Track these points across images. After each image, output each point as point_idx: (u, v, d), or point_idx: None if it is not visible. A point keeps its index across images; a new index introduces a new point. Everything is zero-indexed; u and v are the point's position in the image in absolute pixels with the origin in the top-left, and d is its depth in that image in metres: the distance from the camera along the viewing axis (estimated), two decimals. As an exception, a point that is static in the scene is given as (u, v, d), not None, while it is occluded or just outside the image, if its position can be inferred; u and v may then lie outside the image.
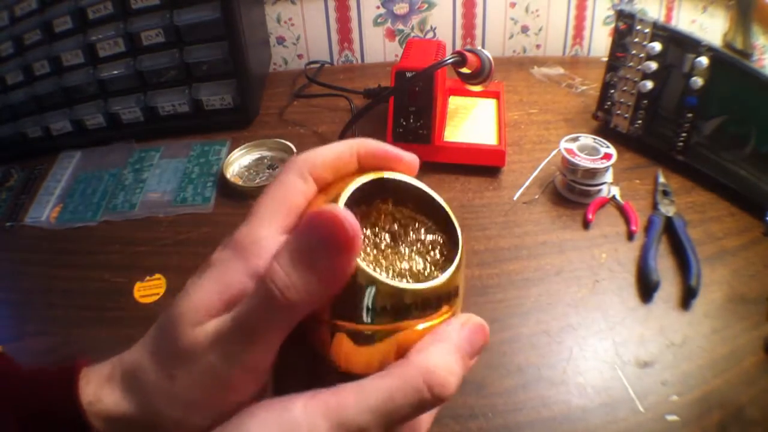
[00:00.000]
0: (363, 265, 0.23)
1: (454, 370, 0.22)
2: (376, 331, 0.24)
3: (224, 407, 0.23)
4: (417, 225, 0.27)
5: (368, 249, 0.25)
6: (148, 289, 0.58)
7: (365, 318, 0.23)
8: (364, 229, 0.26)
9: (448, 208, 0.28)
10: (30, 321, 0.56)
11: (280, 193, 0.24)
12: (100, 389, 0.25)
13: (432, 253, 0.27)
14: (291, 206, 0.24)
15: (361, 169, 0.26)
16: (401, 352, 0.24)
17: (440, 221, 0.28)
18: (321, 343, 0.25)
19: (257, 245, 0.23)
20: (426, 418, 0.26)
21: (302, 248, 0.21)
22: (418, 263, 0.26)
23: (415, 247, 0.26)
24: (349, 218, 0.21)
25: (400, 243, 0.26)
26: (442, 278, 0.24)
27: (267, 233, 0.23)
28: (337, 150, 0.26)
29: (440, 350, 0.23)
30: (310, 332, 0.25)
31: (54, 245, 0.64)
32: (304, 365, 0.29)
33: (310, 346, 0.26)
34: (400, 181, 0.26)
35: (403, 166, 0.27)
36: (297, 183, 0.24)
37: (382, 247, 0.26)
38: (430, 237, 0.27)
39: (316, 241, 0.21)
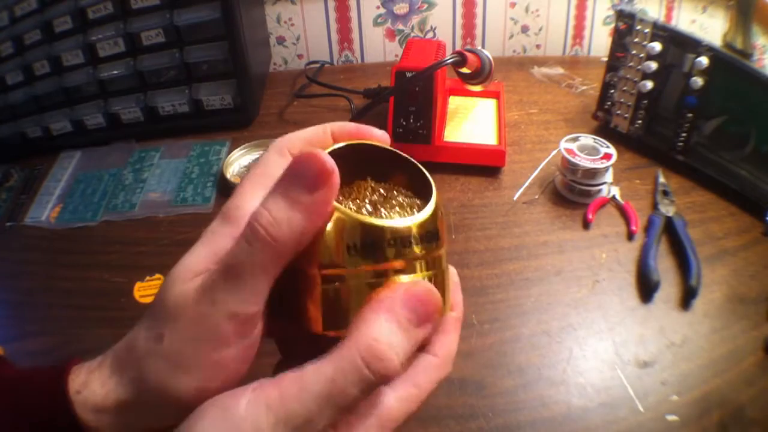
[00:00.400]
0: (341, 207, 0.24)
1: (394, 343, 0.21)
2: (359, 274, 0.24)
3: (214, 363, 0.23)
4: (395, 193, 0.28)
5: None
6: (148, 289, 0.58)
7: (349, 259, 0.23)
8: (347, 201, 0.27)
9: (420, 166, 0.29)
10: (30, 321, 0.56)
11: (260, 169, 0.26)
12: (88, 376, 0.26)
13: (413, 213, 0.27)
14: (268, 177, 0.25)
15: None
16: None
17: (417, 183, 0.29)
18: (309, 298, 0.25)
19: (239, 210, 0.25)
20: (395, 405, 0.23)
21: (284, 187, 0.22)
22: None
23: (395, 210, 0.27)
24: (326, 155, 0.22)
25: (381, 210, 0.27)
26: (418, 216, 0.25)
27: (250, 203, 0.24)
28: (311, 129, 0.28)
29: (378, 321, 0.22)
30: (300, 292, 0.25)
31: (54, 245, 0.64)
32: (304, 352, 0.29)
33: (299, 311, 0.25)
34: (372, 146, 0.28)
35: (374, 140, 0.28)
36: (275, 158, 0.26)
37: (364, 213, 0.26)
38: (408, 200, 0.28)
39: (296, 179, 0.22)
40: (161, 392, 0.23)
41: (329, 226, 0.24)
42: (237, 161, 0.74)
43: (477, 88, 0.79)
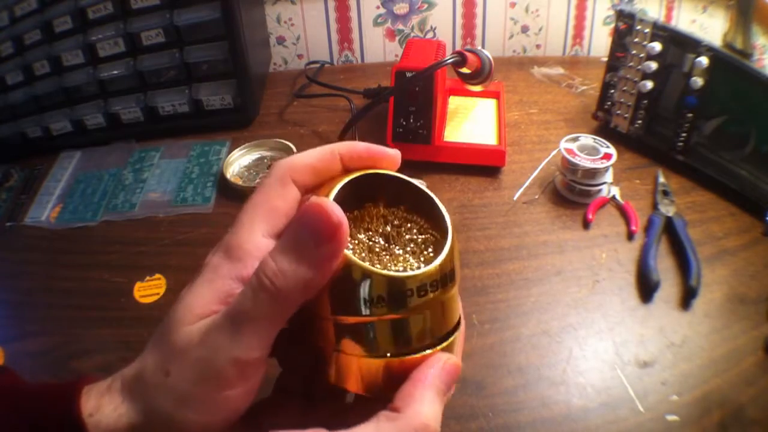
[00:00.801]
0: (355, 258, 0.24)
1: (439, 418, 0.24)
2: (374, 322, 0.24)
3: (217, 401, 0.24)
4: (409, 225, 0.28)
5: (363, 253, 0.26)
6: (148, 289, 0.58)
7: (363, 309, 0.24)
8: (358, 233, 0.27)
9: (435, 198, 0.28)
10: (30, 321, 0.56)
11: (260, 198, 0.26)
12: (100, 399, 0.26)
13: (426, 251, 0.27)
14: (270, 210, 0.25)
15: (346, 170, 0.27)
16: (395, 374, 0.25)
17: (430, 214, 0.28)
18: (324, 341, 0.25)
19: (240, 249, 0.25)
20: None
21: (291, 239, 0.23)
22: (413, 264, 0.26)
23: (408, 248, 0.27)
24: (334, 207, 0.22)
25: (394, 245, 0.27)
26: (432, 265, 0.25)
27: (249, 237, 0.25)
28: (317, 153, 0.27)
29: (428, 399, 0.24)
30: (314, 333, 0.26)
31: (54, 245, 0.64)
32: (304, 366, 0.30)
33: (314, 349, 0.26)
34: (385, 175, 0.27)
35: (387, 163, 0.28)
36: (276, 187, 0.26)
37: (377, 250, 0.26)
38: (422, 237, 0.28)
39: (303, 231, 0.23)
40: (169, 422, 0.24)
41: (342, 274, 0.24)
42: (237, 161, 0.74)
43: (477, 88, 0.79)
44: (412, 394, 0.24)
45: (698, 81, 0.65)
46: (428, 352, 0.26)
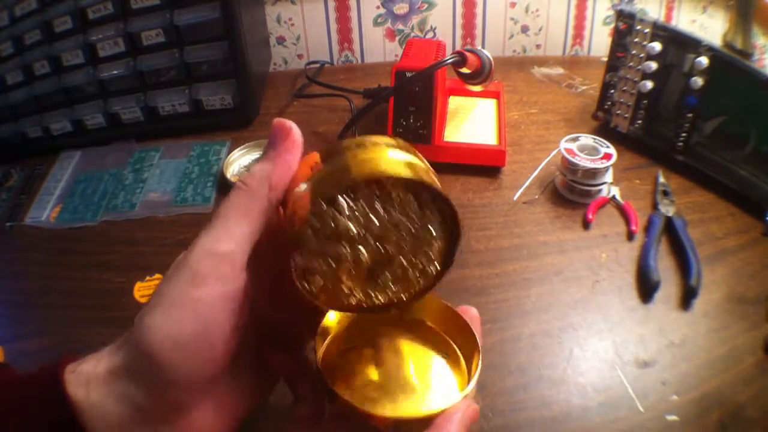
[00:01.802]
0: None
1: None
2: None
3: (191, 304, 0.25)
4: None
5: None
6: (148, 289, 0.58)
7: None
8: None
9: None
10: (30, 321, 0.56)
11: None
12: (85, 358, 0.27)
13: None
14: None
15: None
16: None
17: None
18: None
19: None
20: None
21: (262, 152, 0.28)
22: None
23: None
24: (286, 120, 0.28)
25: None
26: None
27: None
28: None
29: None
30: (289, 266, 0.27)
31: (54, 245, 0.64)
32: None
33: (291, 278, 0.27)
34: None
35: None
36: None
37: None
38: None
39: (268, 142, 0.28)
40: (142, 345, 0.24)
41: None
42: (237, 161, 0.74)
43: (477, 88, 0.79)
44: None
45: (698, 81, 0.65)
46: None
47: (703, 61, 0.64)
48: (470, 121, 0.79)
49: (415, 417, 0.28)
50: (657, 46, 0.68)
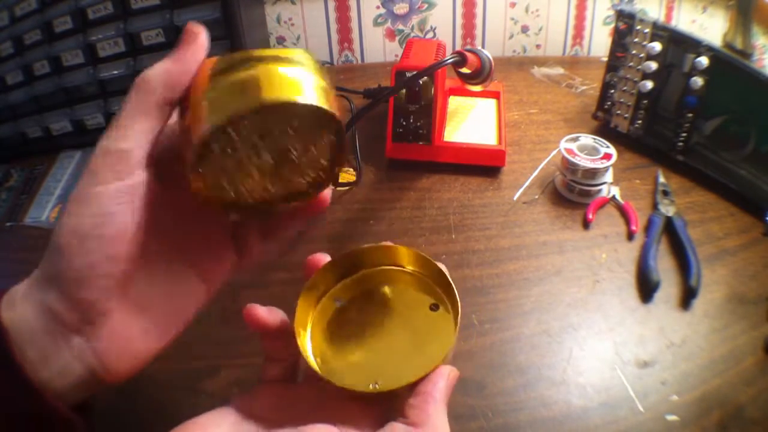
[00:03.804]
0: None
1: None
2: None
3: (91, 200, 0.25)
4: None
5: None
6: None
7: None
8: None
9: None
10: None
11: None
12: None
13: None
14: None
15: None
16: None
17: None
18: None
19: None
20: None
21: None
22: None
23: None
24: (199, 26, 0.28)
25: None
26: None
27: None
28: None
29: (441, 414, 0.27)
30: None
31: (54, 245, 0.64)
32: (287, 356, 0.33)
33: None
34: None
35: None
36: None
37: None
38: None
39: (176, 44, 0.28)
40: (51, 244, 0.26)
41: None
42: (237, 161, 0.74)
43: (477, 88, 0.79)
44: (426, 411, 0.26)
45: (698, 81, 0.65)
46: None
47: (703, 61, 0.64)
48: (470, 121, 0.79)
49: (397, 389, 0.29)
50: (657, 46, 0.68)
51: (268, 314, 0.30)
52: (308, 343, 0.32)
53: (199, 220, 0.32)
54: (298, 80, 0.28)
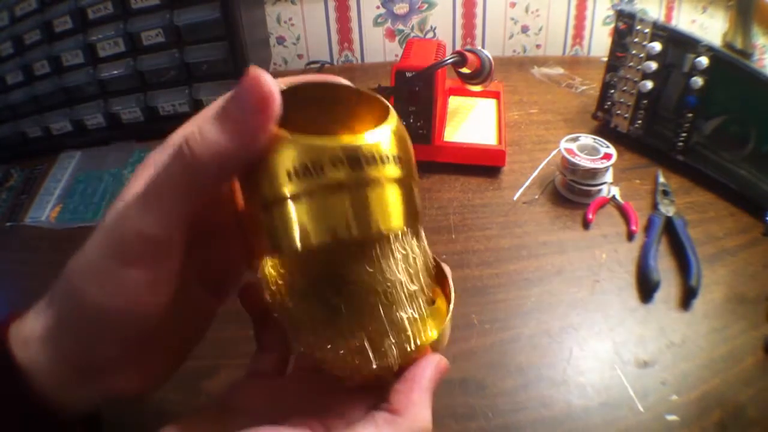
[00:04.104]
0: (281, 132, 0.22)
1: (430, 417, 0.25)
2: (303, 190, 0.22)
3: (118, 281, 0.22)
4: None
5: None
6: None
7: (290, 180, 0.21)
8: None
9: (380, 98, 0.27)
10: (30, 321, 0.56)
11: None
12: (29, 315, 0.26)
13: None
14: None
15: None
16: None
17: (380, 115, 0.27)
18: (254, 227, 0.24)
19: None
20: None
21: (219, 105, 0.21)
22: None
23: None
24: (268, 77, 0.20)
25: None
26: (371, 135, 0.23)
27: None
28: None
29: (425, 403, 0.25)
30: (246, 224, 0.25)
31: (54, 245, 0.64)
32: (278, 346, 0.31)
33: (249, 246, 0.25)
34: (329, 85, 0.27)
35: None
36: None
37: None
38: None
39: (232, 97, 0.20)
40: (77, 304, 0.23)
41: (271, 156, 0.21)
42: (237, 161, 0.74)
43: (477, 88, 0.79)
44: (410, 398, 0.25)
45: (698, 81, 0.65)
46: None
47: (703, 61, 0.64)
48: (470, 121, 0.79)
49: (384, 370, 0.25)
50: (657, 46, 0.68)
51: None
52: None
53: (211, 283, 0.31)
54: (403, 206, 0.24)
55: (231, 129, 0.20)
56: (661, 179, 0.69)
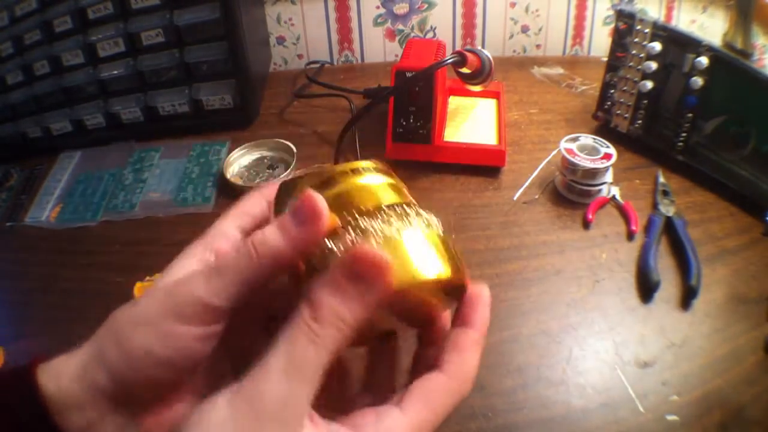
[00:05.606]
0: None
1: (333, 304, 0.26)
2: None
3: (169, 334, 0.25)
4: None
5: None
6: (148, 289, 0.58)
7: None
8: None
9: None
10: (30, 321, 0.56)
11: (240, 207, 0.31)
12: (60, 357, 0.28)
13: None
14: (244, 213, 0.31)
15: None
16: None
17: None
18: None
19: (214, 230, 0.30)
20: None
21: (282, 217, 0.27)
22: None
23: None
24: (320, 199, 0.26)
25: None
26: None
27: (222, 227, 0.31)
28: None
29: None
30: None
31: (54, 245, 0.64)
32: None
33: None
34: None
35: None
36: (256, 199, 0.32)
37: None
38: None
39: (292, 213, 0.26)
40: (119, 345, 0.26)
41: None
42: (237, 161, 0.74)
43: (477, 88, 0.79)
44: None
45: (698, 81, 0.65)
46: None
47: (703, 61, 0.64)
48: (470, 121, 0.79)
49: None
50: (657, 46, 0.68)
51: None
52: None
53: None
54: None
55: (287, 237, 0.26)
56: (661, 179, 0.69)
